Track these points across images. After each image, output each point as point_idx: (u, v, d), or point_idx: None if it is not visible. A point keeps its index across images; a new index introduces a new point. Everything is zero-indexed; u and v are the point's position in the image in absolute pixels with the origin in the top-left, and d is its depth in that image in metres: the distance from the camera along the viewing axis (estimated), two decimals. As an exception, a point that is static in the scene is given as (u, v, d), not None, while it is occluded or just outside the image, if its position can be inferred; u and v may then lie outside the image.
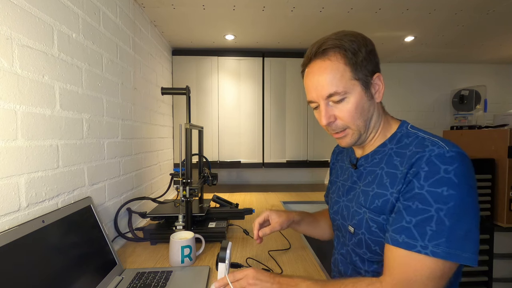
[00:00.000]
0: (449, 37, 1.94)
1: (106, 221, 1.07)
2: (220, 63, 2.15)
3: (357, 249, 0.70)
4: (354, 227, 0.69)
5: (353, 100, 0.63)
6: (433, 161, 0.55)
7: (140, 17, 1.47)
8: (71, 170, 0.86)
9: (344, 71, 0.62)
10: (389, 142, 0.68)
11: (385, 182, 0.63)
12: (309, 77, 0.66)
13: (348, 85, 0.62)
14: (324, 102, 0.65)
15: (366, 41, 0.64)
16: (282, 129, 2.23)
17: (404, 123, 0.69)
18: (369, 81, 0.64)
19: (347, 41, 0.62)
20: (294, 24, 1.71)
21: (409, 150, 0.61)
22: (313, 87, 0.65)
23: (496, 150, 1.89)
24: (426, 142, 0.59)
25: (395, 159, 0.63)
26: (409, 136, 0.65)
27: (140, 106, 1.43)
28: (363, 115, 0.65)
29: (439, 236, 0.51)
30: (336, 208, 0.78)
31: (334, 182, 0.85)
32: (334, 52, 0.62)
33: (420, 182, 0.55)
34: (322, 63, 0.63)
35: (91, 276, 0.73)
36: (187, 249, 0.92)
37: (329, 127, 0.67)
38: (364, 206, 0.66)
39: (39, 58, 0.73)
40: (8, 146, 0.63)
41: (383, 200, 0.62)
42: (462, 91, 2.47)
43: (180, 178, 1.11)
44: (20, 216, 0.66)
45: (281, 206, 1.78)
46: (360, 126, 0.66)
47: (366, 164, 0.71)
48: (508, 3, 1.43)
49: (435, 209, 0.52)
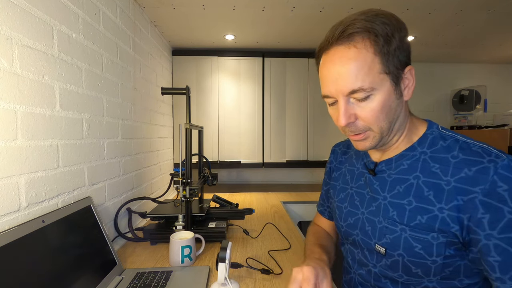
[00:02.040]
0: (449, 37, 1.94)
1: (106, 221, 1.07)
2: (220, 63, 2.15)
3: (389, 272, 0.60)
4: (386, 247, 0.58)
5: (380, 98, 0.52)
6: (506, 175, 0.47)
7: (140, 17, 1.47)
8: (71, 170, 0.86)
9: (373, 62, 0.50)
10: (418, 145, 0.58)
11: (427, 195, 0.54)
12: (328, 66, 0.54)
13: (376, 80, 0.51)
14: (345, 99, 0.53)
15: (400, 24, 0.52)
16: (282, 129, 2.23)
17: (433, 123, 0.60)
18: (400, 75, 0.53)
19: (380, 24, 0.50)
20: (294, 24, 1.71)
21: (453, 156, 0.53)
22: (332, 79, 0.53)
23: (496, 150, 1.89)
24: (475, 149, 0.51)
25: (433, 165, 0.54)
26: (445, 138, 0.56)
27: (140, 106, 1.43)
28: (389, 116, 0.54)
29: None
30: (353, 221, 0.67)
31: (342, 188, 0.73)
32: (363, 38, 0.50)
33: (508, 204, 0.46)
34: (346, 51, 0.51)
35: (91, 276, 0.73)
36: (187, 249, 0.92)
37: (347, 128, 0.57)
38: (401, 223, 0.56)
39: (39, 58, 0.73)
40: (8, 146, 0.63)
41: (429, 217, 0.53)
42: (462, 91, 2.47)
43: (180, 178, 1.11)
44: (20, 216, 0.66)
45: (281, 206, 1.78)
46: (383, 129, 0.55)
47: (390, 171, 0.60)
48: (508, 3, 1.43)
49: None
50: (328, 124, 2.25)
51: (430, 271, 0.55)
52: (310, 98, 2.22)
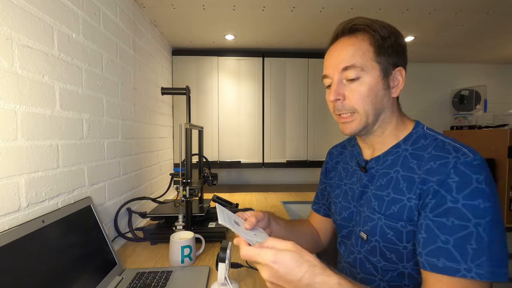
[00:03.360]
0: (449, 37, 1.94)
1: (106, 221, 1.07)
2: (220, 63, 2.15)
3: (370, 257, 0.65)
4: (367, 233, 0.64)
5: (368, 81, 0.60)
6: (462, 170, 0.51)
7: (140, 17, 1.47)
8: (71, 170, 0.86)
9: (368, 50, 0.60)
10: (403, 143, 0.64)
11: (401, 187, 0.59)
12: (331, 52, 0.64)
13: (367, 65, 0.59)
14: (338, 77, 0.62)
15: (399, 33, 0.63)
16: (282, 129, 2.23)
17: (420, 124, 0.66)
18: (389, 71, 0.61)
19: (379, 25, 0.61)
20: (294, 24, 1.71)
21: (428, 152, 0.57)
22: (332, 60, 0.63)
23: (496, 150, 1.89)
24: (447, 146, 0.56)
25: (412, 161, 0.59)
26: (426, 137, 0.61)
27: (140, 106, 1.43)
28: (374, 102, 0.61)
29: (480, 254, 0.47)
30: (347, 215, 0.72)
31: (337, 185, 0.79)
32: (363, 32, 0.61)
33: (452, 194, 0.50)
34: (348, 39, 0.62)
35: (91, 276, 0.73)
36: (187, 249, 0.92)
37: (336, 105, 0.63)
38: (379, 212, 0.62)
39: (39, 58, 0.73)
40: (8, 146, 0.63)
41: (400, 206, 0.58)
42: (462, 91, 2.47)
43: (180, 178, 1.11)
44: (20, 216, 0.66)
45: (281, 206, 1.78)
46: (368, 113, 0.61)
47: (378, 167, 0.66)
48: (508, 3, 1.43)
49: (473, 224, 0.48)
50: (328, 124, 2.25)
51: (403, 257, 0.59)
52: (310, 98, 2.22)
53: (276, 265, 0.44)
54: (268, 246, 0.47)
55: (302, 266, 0.44)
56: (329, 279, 0.45)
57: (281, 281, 0.45)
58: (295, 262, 0.45)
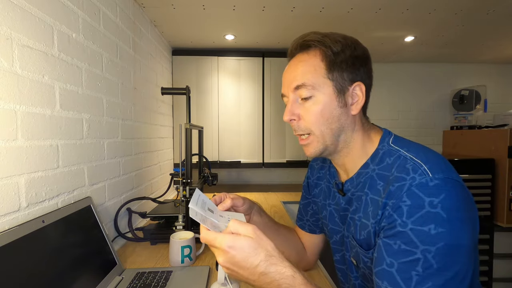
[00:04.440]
0: (449, 37, 1.94)
1: (106, 221, 1.07)
2: (220, 63, 2.15)
3: (366, 283, 0.62)
4: (355, 259, 0.61)
5: (321, 99, 0.57)
6: (415, 193, 0.47)
7: (140, 17, 1.47)
8: (71, 170, 0.86)
9: (319, 66, 0.57)
10: (371, 161, 0.59)
11: (368, 211, 0.56)
12: (286, 69, 0.63)
13: (319, 82, 0.57)
14: (293, 96, 0.60)
15: (356, 46, 0.59)
16: (282, 129, 2.23)
17: (386, 137, 0.60)
18: (345, 87, 0.57)
19: (331, 39, 0.57)
20: (294, 24, 1.71)
21: (391, 173, 0.53)
22: (286, 78, 0.62)
23: (496, 150, 1.89)
24: (407, 165, 0.51)
25: (379, 182, 0.56)
26: (391, 154, 0.56)
27: (140, 106, 1.43)
28: (330, 122, 0.58)
29: (426, 281, 0.44)
30: (338, 238, 0.69)
31: (323, 205, 0.74)
32: (315, 47, 0.58)
33: (402, 218, 0.47)
34: (301, 56, 0.60)
35: (91, 276, 0.73)
36: (187, 249, 0.92)
37: (292, 126, 0.62)
38: (355, 238, 0.59)
39: (39, 58, 0.73)
40: (8, 146, 0.63)
41: (367, 231, 0.55)
42: (462, 91, 2.47)
43: (180, 178, 1.11)
44: (20, 216, 0.66)
45: (281, 206, 1.78)
46: (324, 133, 0.58)
47: (353, 189, 0.62)
48: (508, 3, 1.43)
49: (421, 251, 0.45)
50: (328, 124, 2.25)
51: None
52: (310, 98, 2.21)
53: (232, 250, 0.44)
54: (230, 231, 0.47)
55: (259, 255, 0.45)
56: (284, 270, 0.45)
57: (236, 267, 0.45)
58: (253, 250, 0.45)
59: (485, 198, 1.88)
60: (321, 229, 0.82)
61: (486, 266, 1.91)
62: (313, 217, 0.82)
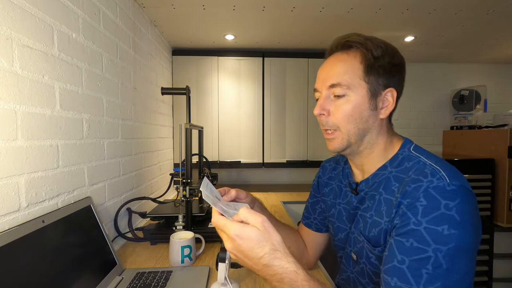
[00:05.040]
0: (449, 37, 1.94)
1: (106, 221, 1.07)
2: (220, 63, 2.15)
3: (360, 278, 0.65)
4: (356, 254, 0.64)
5: (353, 99, 0.59)
6: (432, 194, 0.49)
7: (140, 17, 1.47)
8: (71, 170, 0.86)
9: (357, 68, 0.59)
10: (389, 164, 0.62)
11: (382, 210, 0.58)
12: (323, 66, 0.64)
13: (354, 83, 0.59)
14: (326, 92, 0.61)
15: (395, 54, 0.61)
16: (282, 129, 2.23)
17: (407, 144, 0.63)
18: (378, 91, 0.59)
19: (374, 43, 0.59)
20: (294, 24, 1.71)
21: (408, 176, 0.56)
22: (322, 75, 0.63)
23: (496, 150, 1.89)
24: (426, 170, 0.54)
25: (394, 184, 0.58)
26: (410, 159, 0.59)
27: (140, 106, 1.43)
28: (358, 122, 0.60)
29: (435, 280, 0.46)
30: (343, 236, 0.71)
31: (332, 204, 0.77)
32: (356, 49, 0.60)
33: (417, 217, 0.49)
34: (340, 55, 0.61)
35: (91, 276, 0.73)
36: (187, 249, 0.92)
37: (321, 120, 0.64)
38: (363, 234, 0.61)
39: (39, 58, 0.73)
40: (8, 146, 0.63)
41: (379, 229, 0.57)
42: (462, 91, 2.47)
43: (180, 178, 1.11)
44: (20, 216, 0.66)
45: (281, 206, 1.78)
46: (350, 132, 0.61)
47: (367, 189, 0.65)
48: (508, 3, 1.43)
49: (432, 250, 0.46)
50: (328, 124, 2.24)
51: None
52: (310, 98, 2.22)
53: (239, 239, 0.46)
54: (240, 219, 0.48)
55: (263, 247, 0.46)
56: (288, 265, 0.46)
57: (242, 255, 0.47)
58: (258, 242, 0.46)
59: (485, 198, 1.88)
60: (327, 227, 0.83)
61: (486, 266, 1.91)
62: (321, 216, 0.84)
